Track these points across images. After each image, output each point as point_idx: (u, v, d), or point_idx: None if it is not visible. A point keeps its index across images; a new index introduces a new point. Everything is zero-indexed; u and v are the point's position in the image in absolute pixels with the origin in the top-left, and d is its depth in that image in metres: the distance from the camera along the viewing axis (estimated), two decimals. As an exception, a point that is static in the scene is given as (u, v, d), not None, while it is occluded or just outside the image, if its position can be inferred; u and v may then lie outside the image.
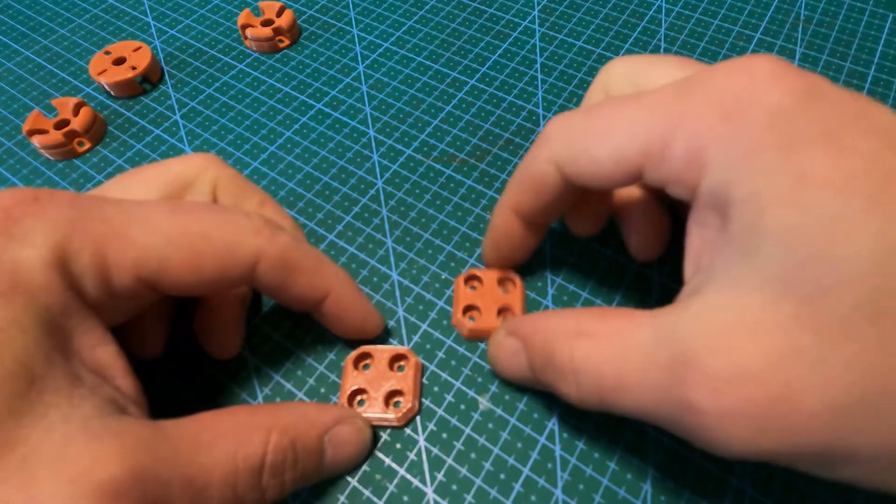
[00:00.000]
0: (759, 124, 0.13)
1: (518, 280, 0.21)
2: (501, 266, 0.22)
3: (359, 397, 0.19)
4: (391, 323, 0.21)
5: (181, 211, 0.16)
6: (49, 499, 0.11)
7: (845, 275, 0.11)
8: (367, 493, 0.18)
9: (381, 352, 0.20)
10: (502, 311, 0.21)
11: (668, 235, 0.20)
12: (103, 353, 0.14)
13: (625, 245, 0.21)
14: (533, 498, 0.18)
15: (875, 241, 0.11)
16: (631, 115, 0.15)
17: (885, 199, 0.11)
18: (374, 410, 0.19)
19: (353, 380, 0.19)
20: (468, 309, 0.21)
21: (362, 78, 0.30)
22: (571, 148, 0.16)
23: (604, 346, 0.15)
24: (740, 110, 0.13)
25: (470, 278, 0.22)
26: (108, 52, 0.30)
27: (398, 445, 0.19)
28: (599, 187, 0.16)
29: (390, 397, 0.19)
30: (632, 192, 0.20)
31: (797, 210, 0.12)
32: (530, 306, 0.22)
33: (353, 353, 0.20)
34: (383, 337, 0.21)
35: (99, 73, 0.29)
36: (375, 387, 0.19)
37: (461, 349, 0.21)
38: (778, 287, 0.12)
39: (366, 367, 0.20)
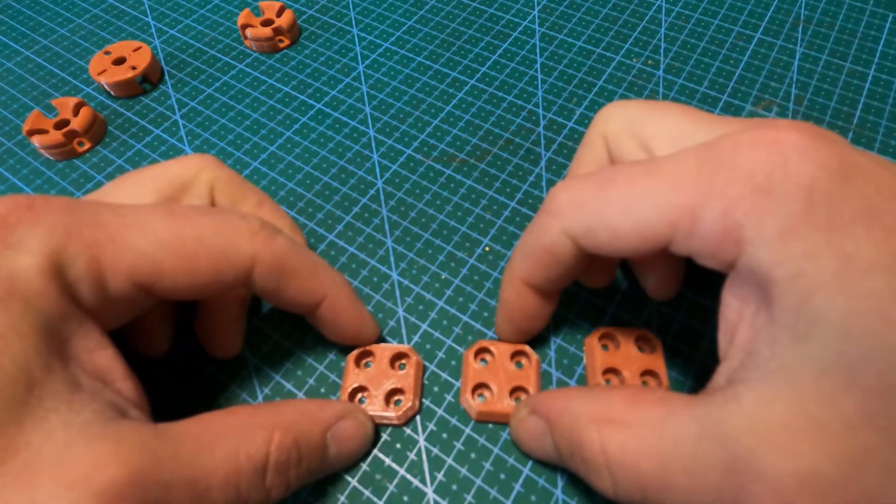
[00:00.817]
0: (796, 202, 0.12)
1: (534, 356, 0.20)
2: (519, 339, 0.20)
3: (359, 395, 0.19)
4: (391, 323, 0.21)
5: (176, 215, 0.16)
6: (50, 503, 0.11)
7: None
8: (367, 493, 0.18)
9: (383, 350, 0.20)
10: (515, 391, 0.19)
11: (682, 276, 0.20)
12: (102, 357, 0.14)
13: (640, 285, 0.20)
14: (533, 498, 0.18)
15: None
16: (651, 186, 0.15)
17: None
18: (374, 408, 0.19)
19: (354, 377, 0.19)
20: (478, 386, 0.20)
21: (362, 78, 0.30)
22: (587, 220, 0.16)
23: (640, 437, 0.13)
24: (774, 187, 0.13)
25: (480, 351, 0.20)
26: (108, 52, 0.30)
27: (398, 445, 0.19)
28: (618, 256, 0.16)
29: (391, 395, 0.19)
30: None
31: (848, 295, 0.11)
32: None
33: (355, 352, 0.20)
34: (383, 336, 0.21)
35: (99, 73, 0.29)
36: (376, 385, 0.19)
37: (461, 349, 0.21)
38: (837, 379, 0.11)
39: (367, 365, 0.20)
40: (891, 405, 0.11)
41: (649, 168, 0.15)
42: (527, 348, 0.20)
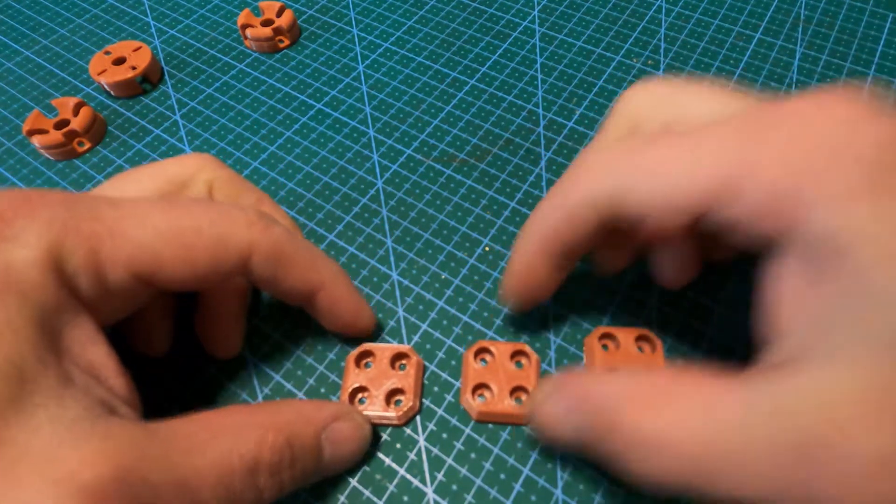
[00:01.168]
0: (861, 167, 0.12)
1: (534, 356, 0.20)
2: (523, 307, 0.20)
3: (360, 395, 0.19)
4: (391, 323, 0.21)
5: (174, 206, 0.16)
6: (34, 500, 0.11)
7: None
8: (367, 493, 0.18)
9: (383, 350, 0.20)
10: (516, 390, 0.19)
11: (700, 263, 0.19)
12: (95, 352, 0.14)
13: (651, 273, 0.20)
14: (533, 498, 0.18)
15: None
16: (691, 151, 0.14)
17: None
18: (374, 409, 0.19)
19: (354, 378, 0.19)
20: (478, 387, 0.19)
21: (362, 78, 0.30)
22: (616, 183, 0.15)
23: (686, 419, 0.12)
24: (838, 152, 0.12)
25: (480, 351, 0.20)
26: (108, 52, 0.30)
27: (398, 445, 0.19)
28: (647, 227, 0.15)
29: (391, 396, 0.19)
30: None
31: None
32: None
33: (355, 351, 0.20)
34: (382, 336, 0.21)
35: (99, 73, 0.29)
36: (377, 385, 0.19)
37: (461, 349, 0.21)
38: None
39: (367, 365, 0.20)
40: None
41: (686, 134, 0.14)
42: (527, 348, 0.20)
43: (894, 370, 0.10)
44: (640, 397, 0.13)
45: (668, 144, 0.15)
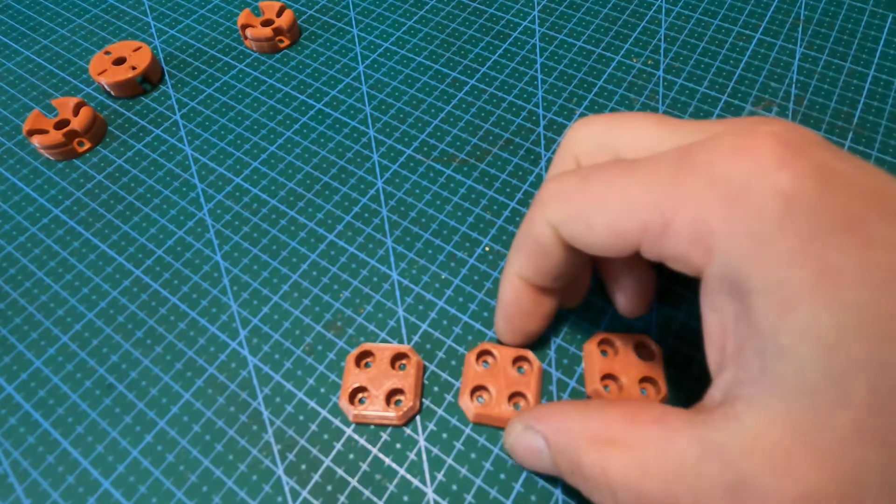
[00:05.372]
0: (772, 210, 0.12)
1: (535, 362, 0.20)
2: (517, 340, 0.20)
3: (360, 395, 0.19)
4: (391, 323, 0.21)
5: None
6: None
7: None
8: (367, 493, 0.18)
9: (383, 350, 0.20)
10: (514, 396, 0.19)
11: (653, 292, 0.20)
12: None
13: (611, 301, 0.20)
14: (533, 498, 0.18)
15: None
16: (628, 186, 0.15)
17: None
18: (374, 409, 0.19)
19: (354, 378, 0.19)
20: (477, 389, 0.19)
21: (362, 78, 0.30)
22: (566, 212, 0.16)
23: (642, 459, 0.13)
24: (749, 194, 0.12)
25: (483, 353, 0.20)
26: (108, 52, 0.30)
27: (398, 445, 0.19)
28: (595, 254, 0.16)
29: (391, 396, 0.19)
30: None
31: (832, 308, 0.11)
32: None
33: (355, 351, 0.20)
34: (382, 336, 0.21)
35: (99, 73, 0.29)
36: (377, 385, 0.19)
37: (461, 349, 0.21)
38: (829, 396, 0.11)
39: (367, 365, 0.20)
40: (885, 420, 0.11)
41: (628, 167, 0.15)
42: (529, 354, 0.20)
43: (813, 417, 0.11)
44: (603, 437, 0.14)
45: (612, 175, 0.15)
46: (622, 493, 0.14)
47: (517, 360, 0.20)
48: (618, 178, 0.15)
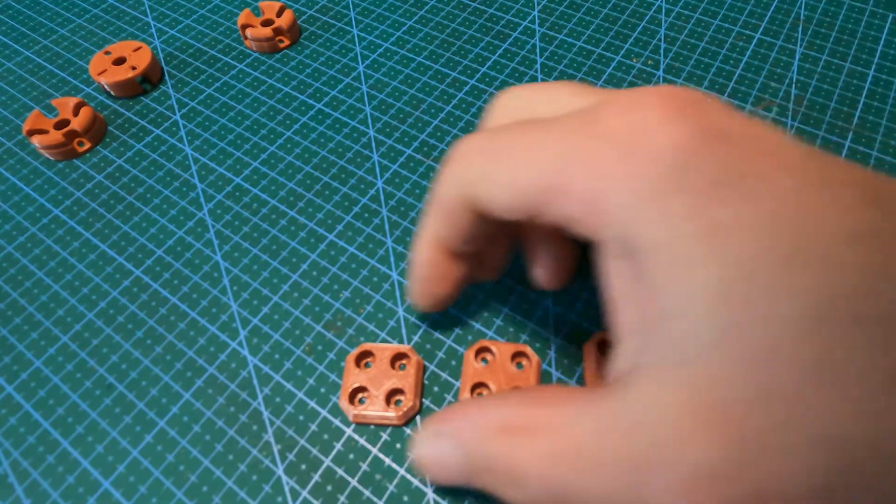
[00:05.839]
0: (658, 167, 0.12)
1: (534, 357, 0.20)
2: (427, 303, 0.19)
3: (360, 395, 0.19)
4: (391, 323, 0.21)
5: None
6: None
7: (791, 334, 0.10)
8: (367, 493, 0.18)
9: (383, 350, 0.20)
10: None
11: (574, 265, 0.19)
12: None
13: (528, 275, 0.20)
14: (533, 497, 0.18)
15: (809, 295, 0.10)
16: (534, 143, 0.14)
17: (805, 245, 0.10)
18: (374, 409, 0.19)
19: (354, 378, 0.19)
20: (477, 386, 0.19)
21: (362, 78, 0.30)
22: (472, 171, 0.15)
23: (548, 442, 0.13)
24: (636, 151, 0.12)
25: (481, 350, 0.20)
26: (108, 52, 0.30)
27: (398, 445, 0.19)
28: (499, 216, 0.15)
29: (391, 396, 0.19)
30: None
31: (718, 264, 0.11)
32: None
33: (355, 351, 0.20)
34: (382, 336, 0.21)
35: (99, 73, 0.29)
36: (377, 385, 0.19)
37: (461, 349, 0.21)
38: (725, 356, 0.11)
39: (367, 365, 0.20)
40: (781, 378, 0.10)
41: (534, 126, 0.14)
42: (528, 350, 0.20)
43: (709, 381, 0.11)
44: (507, 425, 0.14)
45: (520, 132, 0.15)
46: (532, 481, 0.13)
47: (515, 356, 0.20)
48: (526, 134, 0.14)
